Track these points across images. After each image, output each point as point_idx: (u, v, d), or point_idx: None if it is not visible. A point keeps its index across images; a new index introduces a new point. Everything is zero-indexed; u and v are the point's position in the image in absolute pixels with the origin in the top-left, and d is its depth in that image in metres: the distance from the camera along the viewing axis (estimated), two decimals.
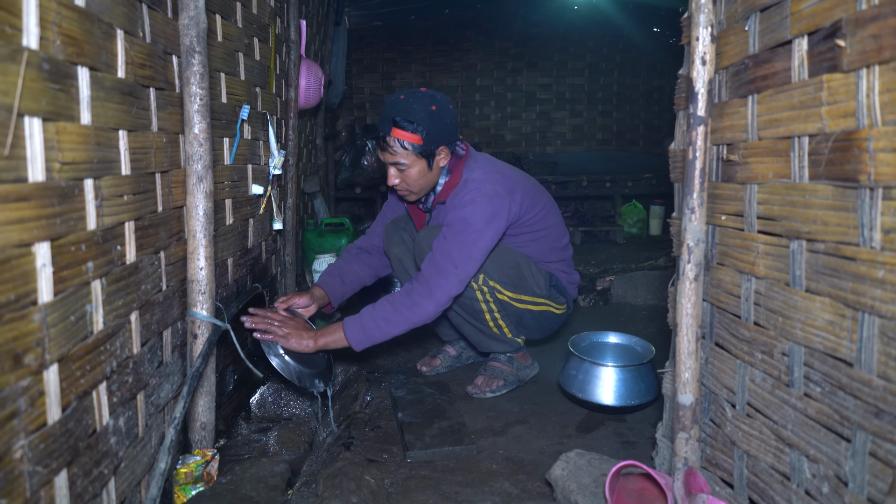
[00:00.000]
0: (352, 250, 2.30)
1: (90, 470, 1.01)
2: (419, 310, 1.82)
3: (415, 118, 1.84)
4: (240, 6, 1.88)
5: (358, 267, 2.23)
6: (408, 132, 1.85)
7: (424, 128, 1.85)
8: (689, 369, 1.18)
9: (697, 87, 1.11)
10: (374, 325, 1.82)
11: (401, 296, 1.84)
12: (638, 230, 5.04)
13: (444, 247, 1.85)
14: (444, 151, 1.93)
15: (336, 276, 2.18)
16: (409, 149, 1.88)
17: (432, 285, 1.82)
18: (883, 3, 0.77)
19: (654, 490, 1.30)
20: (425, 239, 1.99)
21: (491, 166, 2.03)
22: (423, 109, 1.85)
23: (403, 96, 1.89)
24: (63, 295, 0.92)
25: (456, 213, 1.87)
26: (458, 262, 1.83)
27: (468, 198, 1.88)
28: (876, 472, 0.81)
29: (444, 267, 1.83)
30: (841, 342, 0.87)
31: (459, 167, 2.00)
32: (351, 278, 2.21)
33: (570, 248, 2.28)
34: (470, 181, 1.94)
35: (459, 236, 1.84)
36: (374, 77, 6.12)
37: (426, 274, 1.84)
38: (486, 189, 1.90)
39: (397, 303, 1.83)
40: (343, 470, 1.47)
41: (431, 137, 1.87)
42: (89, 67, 0.98)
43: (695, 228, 1.15)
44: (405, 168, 1.91)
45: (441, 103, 1.89)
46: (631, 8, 5.50)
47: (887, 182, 0.77)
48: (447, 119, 1.89)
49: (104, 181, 1.05)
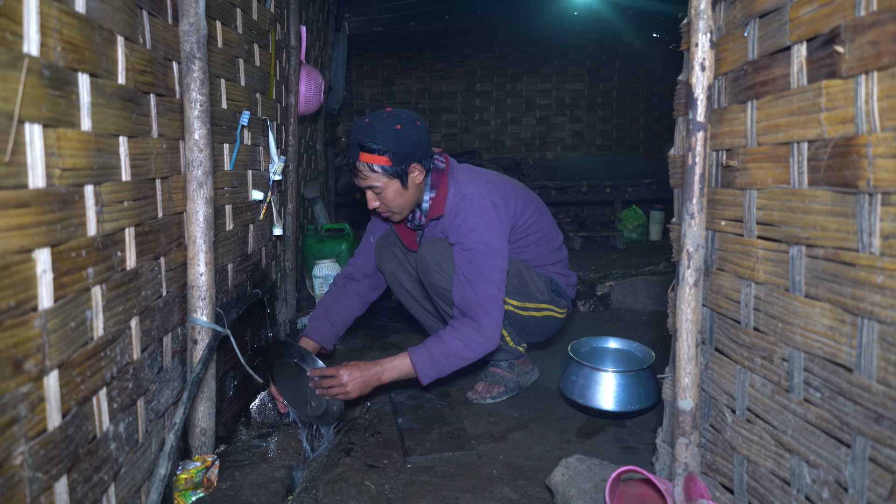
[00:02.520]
0: (339, 281, 2.27)
1: (90, 476, 1.00)
2: (490, 343, 1.86)
3: (380, 140, 1.82)
4: (240, 12, 1.88)
5: (346, 301, 2.21)
6: (375, 154, 1.84)
7: (390, 148, 1.83)
8: (689, 374, 1.18)
9: (697, 93, 1.12)
10: (448, 364, 1.84)
11: (467, 332, 1.84)
12: (638, 235, 5.04)
13: (482, 273, 1.85)
14: (418, 169, 1.90)
15: (323, 320, 2.15)
16: (378, 171, 1.86)
17: (491, 311, 1.85)
18: (881, 10, 0.77)
19: (655, 495, 1.30)
20: (429, 255, 1.97)
21: (479, 177, 2.01)
22: (388, 130, 1.83)
23: (368, 119, 1.88)
24: (63, 301, 0.92)
25: (471, 237, 1.86)
26: (499, 283, 1.87)
27: (474, 216, 1.88)
28: (876, 477, 0.81)
29: (490, 291, 1.85)
30: (840, 347, 0.87)
31: (444, 180, 1.98)
32: (340, 316, 2.18)
33: (565, 249, 2.28)
34: (466, 196, 1.92)
35: (489, 260, 1.86)
36: (374, 83, 6.14)
37: (483, 305, 1.84)
38: (486, 203, 1.90)
39: (469, 341, 1.84)
40: (343, 475, 1.47)
41: (399, 157, 1.85)
42: (90, 74, 0.99)
43: (694, 234, 1.15)
44: (380, 190, 1.90)
45: (406, 121, 1.86)
46: (630, 14, 5.52)
47: (886, 188, 0.77)
48: (414, 136, 1.86)
49: (104, 187, 1.05)
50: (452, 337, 1.84)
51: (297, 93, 2.70)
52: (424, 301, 2.23)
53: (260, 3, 2.12)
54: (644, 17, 5.57)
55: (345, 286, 2.25)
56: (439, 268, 1.95)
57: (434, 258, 1.95)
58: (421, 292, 2.21)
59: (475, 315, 1.84)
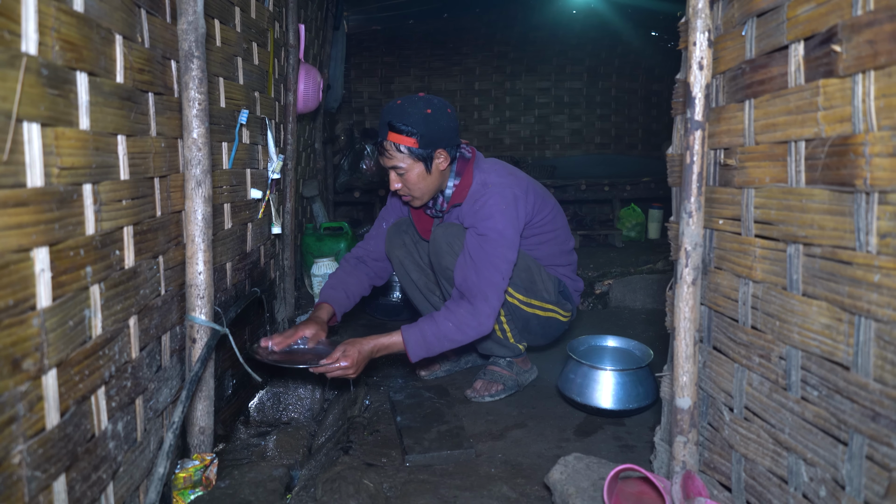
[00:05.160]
0: (350, 260, 2.30)
1: (89, 475, 1.00)
2: (483, 328, 1.87)
3: (410, 122, 1.87)
4: (238, 11, 1.88)
5: (357, 279, 2.25)
6: (403, 135, 1.88)
7: (419, 131, 1.87)
8: (687, 373, 1.18)
9: (695, 92, 1.12)
10: (438, 344, 1.86)
11: (462, 315, 1.85)
12: (636, 234, 5.04)
13: (489, 259, 1.87)
14: (443, 155, 1.94)
15: (340, 290, 2.19)
16: (405, 152, 1.90)
17: (490, 298, 1.86)
18: (878, 9, 0.77)
19: (653, 494, 1.30)
20: (442, 237, 2.00)
21: (503, 168, 2.06)
22: (419, 113, 1.87)
23: (400, 101, 1.92)
24: (62, 300, 0.92)
25: (487, 224, 1.89)
26: (504, 271, 1.89)
27: (493, 203, 1.91)
28: (872, 475, 0.81)
29: (494, 279, 1.86)
30: (838, 346, 0.87)
31: (469, 169, 2.02)
32: (353, 290, 2.22)
33: (575, 255, 2.31)
34: (489, 185, 1.96)
35: (499, 249, 1.88)
36: (373, 81, 6.12)
37: (481, 289, 1.85)
38: (507, 193, 1.93)
39: (462, 324, 1.85)
40: (342, 474, 1.47)
41: (427, 140, 1.89)
42: (88, 73, 0.99)
43: (692, 232, 1.15)
44: (404, 172, 1.93)
45: (437, 107, 1.91)
46: (629, 12, 5.51)
47: (883, 186, 0.77)
48: (443, 122, 1.90)
49: (103, 186, 1.05)
50: (446, 319, 1.86)
51: (295, 91, 2.69)
52: (429, 293, 2.24)
53: (258, 2, 2.12)
54: (643, 15, 5.56)
55: (356, 265, 2.29)
56: (451, 250, 1.99)
57: (447, 240, 1.99)
58: (426, 284, 2.22)
59: (473, 299, 1.86)
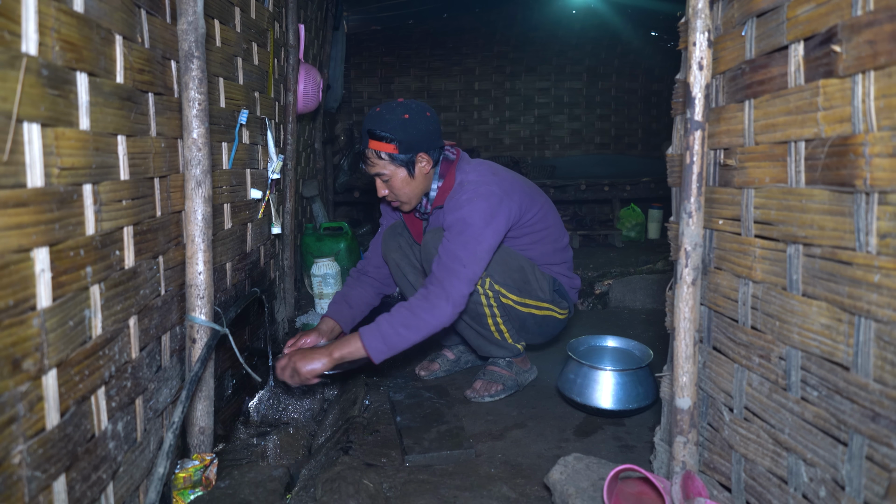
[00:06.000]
0: (353, 274, 2.33)
1: (89, 475, 1.00)
2: (438, 312, 1.80)
3: (388, 128, 1.88)
4: (238, 11, 1.88)
5: (361, 289, 2.25)
6: (383, 142, 1.89)
7: (398, 137, 1.88)
8: (686, 373, 1.18)
9: (694, 92, 1.12)
10: (394, 333, 1.78)
11: (417, 300, 1.82)
12: (636, 234, 5.04)
13: (448, 248, 1.86)
14: (426, 158, 1.95)
15: (342, 303, 2.20)
16: (386, 159, 1.92)
17: (446, 285, 1.81)
18: (878, 10, 0.77)
19: (652, 494, 1.30)
20: (431, 242, 2.00)
21: (486, 168, 2.05)
22: (396, 119, 1.89)
23: (379, 109, 1.93)
24: (62, 300, 0.92)
25: (454, 215, 1.88)
26: (465, 261, 1.83)
27: (465, 198, 1.90)
28: (872, 475, 0.81)
29: (453, 267, 1.83)
30: (837, 346, 0.87)
31: (452, 171, 2.02)
32: (357, 301, 2.22)
33: (570, 251, 2.29)
34: (465, 183, 1.96)
35: (461, 237, 1.85)
36: (373, 81, 6.13)
37: (438, 276, 1.84)
38: (482, 189, 1.91)
39: (415, 307, 1.80)
40: (341, 474, 1.47)
41: (406, 145, 1.90)
42: (88, 73, 0.99)
43: (692, 233, 1.15)
44: (388, 178, 1.95)
45: (415, 111, 1.91)
46: (629, 12, 5.52)
47: (883, 187, 0.77)
48: (422, 126, 1.91)
49: (103, 186, 1.05)
50: (401, 306, 1.83)
51: (295, 91, 2.69)
52: None
53: (258, 2, 2.12)
54: (643, 15, 5.57)
55: (359, 277, 2.30)
56: None
57: (435, 244, 1.98)
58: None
59: (430, 284, 1.84)
